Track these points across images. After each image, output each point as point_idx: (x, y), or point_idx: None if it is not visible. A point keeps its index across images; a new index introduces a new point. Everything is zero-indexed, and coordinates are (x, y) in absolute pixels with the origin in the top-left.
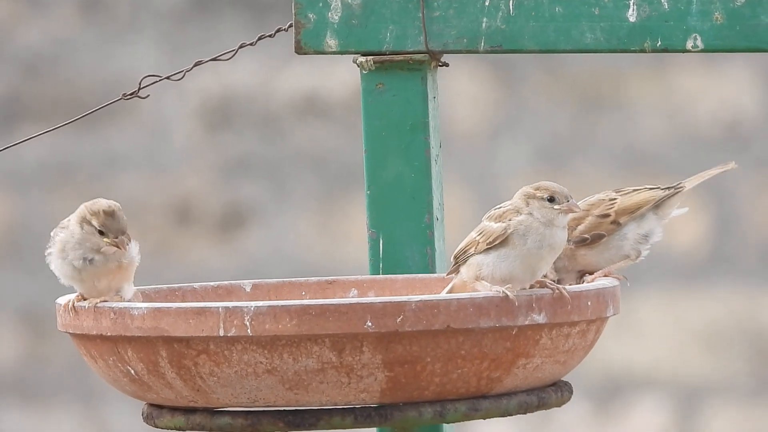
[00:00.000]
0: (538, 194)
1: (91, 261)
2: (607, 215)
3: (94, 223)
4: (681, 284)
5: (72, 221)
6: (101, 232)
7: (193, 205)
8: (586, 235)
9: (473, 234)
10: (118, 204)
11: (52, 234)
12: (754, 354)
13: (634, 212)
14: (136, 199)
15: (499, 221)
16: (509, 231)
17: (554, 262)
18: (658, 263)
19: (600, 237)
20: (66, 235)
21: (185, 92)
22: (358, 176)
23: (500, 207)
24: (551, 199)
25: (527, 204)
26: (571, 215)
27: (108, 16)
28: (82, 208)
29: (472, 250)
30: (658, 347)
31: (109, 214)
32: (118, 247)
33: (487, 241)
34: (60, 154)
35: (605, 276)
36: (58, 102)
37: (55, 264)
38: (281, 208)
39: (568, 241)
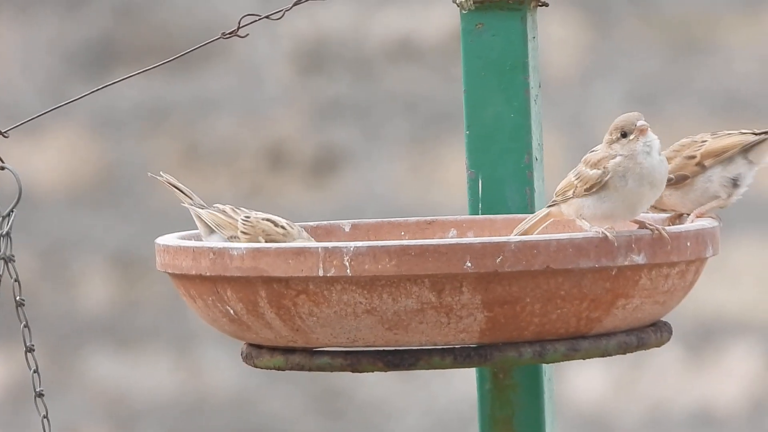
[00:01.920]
0: (613, 137)
1: None
2: (693, 157)
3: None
4: None
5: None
6: None
7: (286, 149)
8: (671, 175)
9: (571, 177)
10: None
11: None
12: None
13: (720, 155)
14: (229, 143)
15: (596, 168)
16: (606, 178)
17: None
18: (753, 207)
19: (684, 178)
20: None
21: (278, 36)
22: (451, 120)
23: (595, 151)
24: (624, 135)
25: (611, 149)
26: (649, 134)
27: None
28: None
29: (570, 193)
30: (751, 292)
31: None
32: None
33: (585, 187)
34: (153, 98)
35: (699, 217)
36: (152, 46)
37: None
38: (374, 152)
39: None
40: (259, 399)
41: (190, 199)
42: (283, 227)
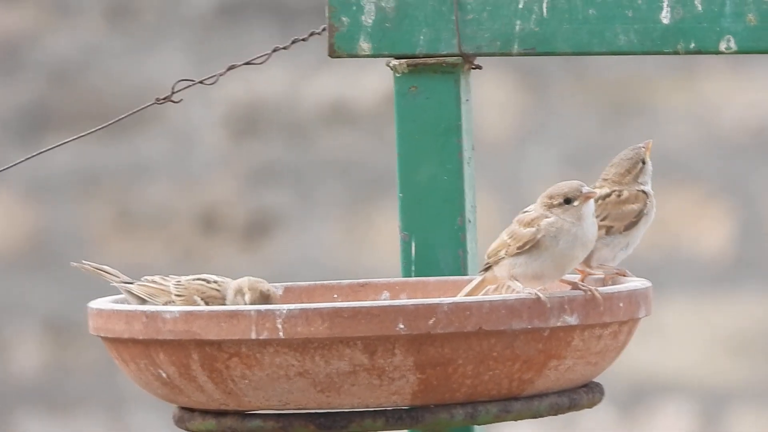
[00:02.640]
0: (555, 202)
1: None
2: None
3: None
4: (707, 289)
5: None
6: None
7: (219, 213)
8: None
9: (504, 236)
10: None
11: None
12: None
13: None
14: (163, 207)
15: (529, 226)
16: (539, 236)
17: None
18: (684, 268)
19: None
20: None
21: (212, 100)
22: (385, 183)
23: (528, 211)
24: (568, 201)
25: (551, 212)
26: (592, 200)
27: (135, 23)
28: (245, 283)
29: (503, 252)
30: (683, 352)
31: (269, 296)
32: None
33: (518, 245)
34: (87, 163)
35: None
36: (85, 110)
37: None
38: (308, 216)
39: None
40: None
41: (117, 277)
42: (215, 282)
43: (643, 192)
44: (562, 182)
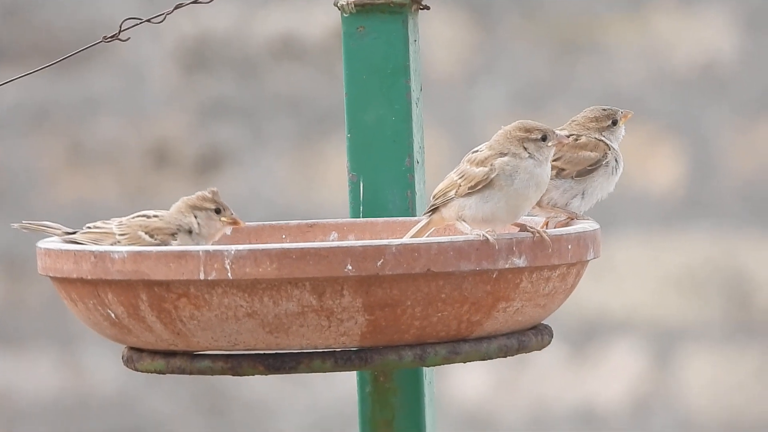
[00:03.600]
0: (532, 136)
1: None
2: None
3: (208, 206)
4: (658, 228)
5: (175, 216)
6: (217, 211)
7: (170, 148)
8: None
9: (453, 176)
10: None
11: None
12: (729, 297)
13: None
14: (114, 142)
15: (481, 166)
16: (492, 175)
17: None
18: (635, 206)
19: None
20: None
21: (162, 36)
22: (335, 120)
23: (479, 150)
24: (544, 138)
25: (522, 146)
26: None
27: None
28: (185, 201)
29: (452, 193)
30: (634, 291)
31: (215, 193)
32: (236, 223)
33: (469, 185)
34: (37, 98)
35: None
36: (36, 46)
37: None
38: (258, 151)
39: None
40: (141, 399)
41: (59, 230)
42: (155, 215)
43: (605, 143)
44: (526, 120)
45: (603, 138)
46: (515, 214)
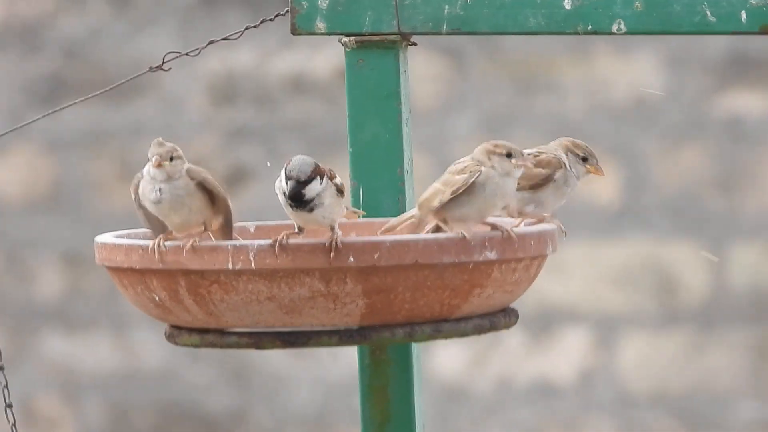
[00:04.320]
0: (498, 150)
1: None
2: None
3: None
4: (600, 233)
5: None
6: (584, 159)
7: (202, 166)
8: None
9: (437, 185)
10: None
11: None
12: (658, 291)
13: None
14: None
15: (462, 173)
16: (470, 181)
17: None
18: (582, 215)
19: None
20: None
21: (197, 73)
22: (338, 141)
23: (461, 162)
24: (509, 155)
25: (489, 159)
26: (523, 169)
27: (132, 8)
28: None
29: (437, 201)
30: (581, 285)
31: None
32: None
33: (452, 190)
34: (94, 124)
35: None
36: (93, 81)
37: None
38: (275, 169)
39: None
40: (182, 372)
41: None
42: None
43: (559, 161)
44: (503, 141)
45: (563, 159)
46: (483, 216)
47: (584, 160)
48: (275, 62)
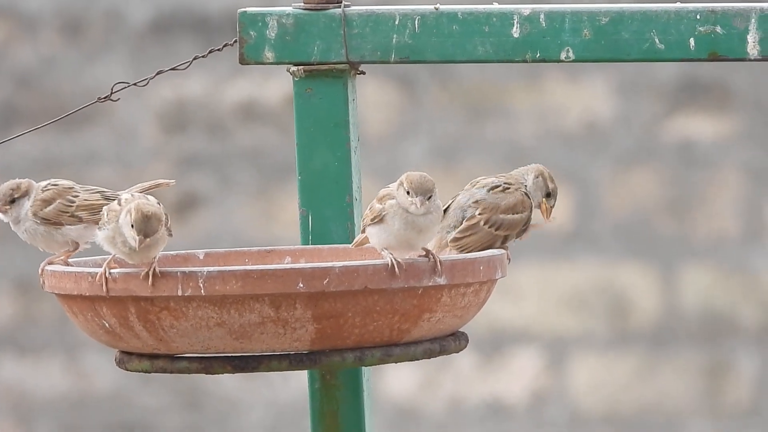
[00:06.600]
0: (403, 186)
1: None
2: None
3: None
4: (552, 256)
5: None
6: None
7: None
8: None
9: (367, 209)
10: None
11: (105, 218)
12: (609, 313)
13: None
14: (108, 188)
15: (381, 203)
16: (383, 213)
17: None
18: (534, 239)
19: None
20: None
21: (148, 101)
22: (288, 169)
23: (387, 187)
24: (408, 192)
25: (398, 190)
26: (415, 209)
27: (84, 38)
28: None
29: (366, 221)
30: (533, 307)
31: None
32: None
33: (371, 218)
34: (45, 152)
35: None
36: (45, 109)
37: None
38: (226, 196)
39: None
40: (132, 396)
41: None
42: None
43: (527, 195)
44: (423, 175)
45: (527, 190)
46: (410, 247)
47: (547, 195)
48: (226, 90)
